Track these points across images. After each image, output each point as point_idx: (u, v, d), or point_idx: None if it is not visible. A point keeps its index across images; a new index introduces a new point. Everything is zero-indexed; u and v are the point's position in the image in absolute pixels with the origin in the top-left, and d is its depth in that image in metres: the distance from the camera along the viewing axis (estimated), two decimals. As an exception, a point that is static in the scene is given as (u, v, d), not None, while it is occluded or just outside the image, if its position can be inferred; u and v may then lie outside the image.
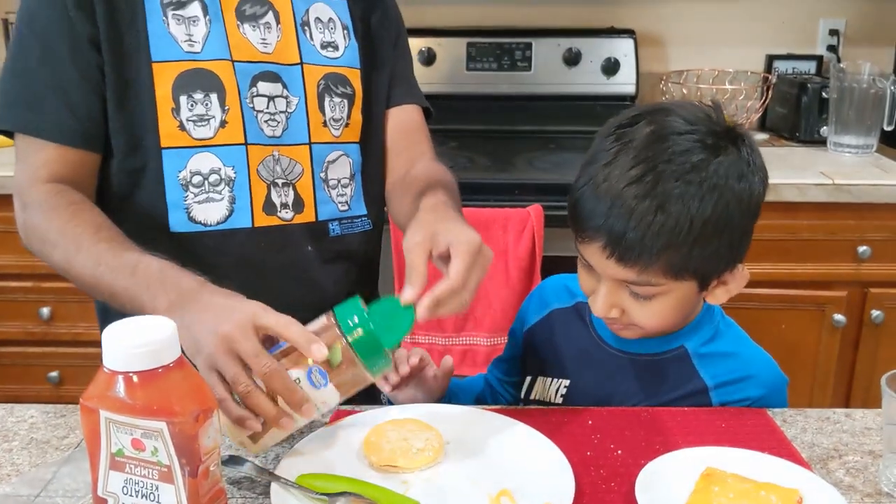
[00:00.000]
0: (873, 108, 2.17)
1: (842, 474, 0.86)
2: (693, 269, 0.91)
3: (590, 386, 1.04)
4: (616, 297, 0.93)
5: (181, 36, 1.06)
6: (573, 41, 2.41)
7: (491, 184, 2.03)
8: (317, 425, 0.94)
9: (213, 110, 1.06)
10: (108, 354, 0.67)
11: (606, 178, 0.89)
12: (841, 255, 2.00)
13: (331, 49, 1.16)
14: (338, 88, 1.16)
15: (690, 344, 1.01)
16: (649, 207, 0.86)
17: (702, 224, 0.87)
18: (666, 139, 0.89)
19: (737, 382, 0.99)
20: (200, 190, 1.07)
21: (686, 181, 0.87)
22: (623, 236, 0.87)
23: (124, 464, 0.69)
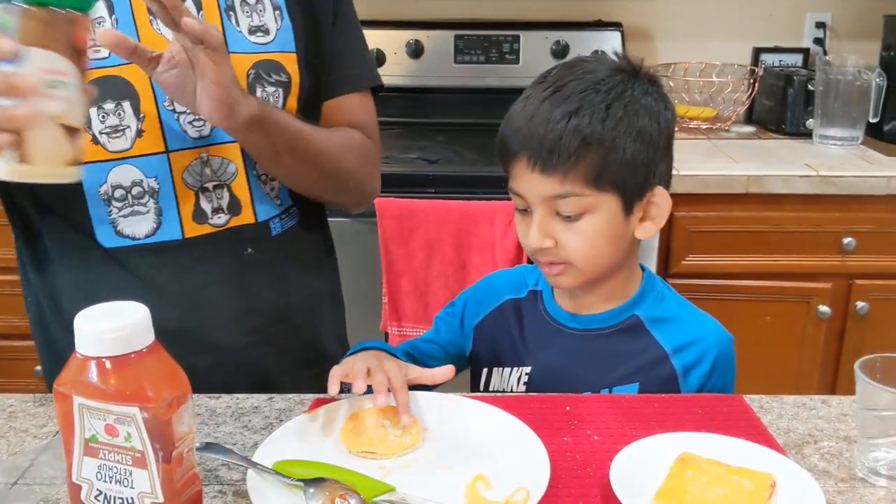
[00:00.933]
0: (859, 100, 2.18)
1: (816, 459, 0.86)
2: (612, 179, 0.94)
3: (551, 369, 1.05)
4: (548, 224, 0.96)
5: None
6: (561, 34, 2.41)
7: (478, 177, 2.03)
8: (295, 412, 0.94)
9: (126, 119, 0.99)
10: (81, 340, 0.67)
11: (524, 107, 0.96)
12: (826, 247, 2.01)
13: (260, 34, 1.06)
14: (271, 77, 1.06)
15: (641, 311, 1.04)
16: (563, 113, 0.93)
17: (614, 125, 0.93)
18: (576, 66, 0.98)
19: (692, 344, 1.02)
20: (124, 204, 1.01)
21: (595, 90, 0.94)
22: (542, 143, 0.93)
23: (98, 450, 0.69)
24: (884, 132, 2.26)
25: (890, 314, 2.05)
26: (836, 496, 0.80)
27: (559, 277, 1.00)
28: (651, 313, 1.04)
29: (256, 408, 0.96)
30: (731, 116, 2.40)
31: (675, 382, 1.01)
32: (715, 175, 1.97)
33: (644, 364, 1.02)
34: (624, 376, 1.01)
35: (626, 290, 1.05)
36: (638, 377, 1.01)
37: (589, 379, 1.02)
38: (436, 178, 2.00)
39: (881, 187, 1.96)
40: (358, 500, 0.75)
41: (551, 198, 0.94)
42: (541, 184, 0.94)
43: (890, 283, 2.04)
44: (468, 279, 1.98)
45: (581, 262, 0.98)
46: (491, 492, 0.79)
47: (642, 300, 1.04)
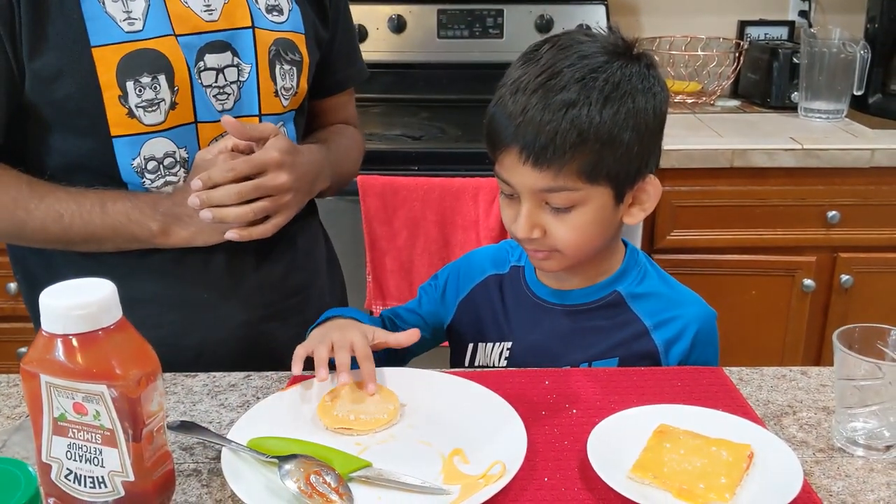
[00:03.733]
0: (844, 73, 2.17)
1: (795, 430, 0.86)
2: (606, 172, 0.92)
3: (532, 344, 1.05)
4: (536, 215, 0.94)
5: (119, 15, 0.97)
6: (545, 8, 2.39)
7: (462, 153, 2.01)
8: (272, 390, 0.94)
9: (162, 93, 0.99)
10: (47, 317, 0.66)
11: (516, 92, 0.92)
12: (810, 221, 2.01)
13: (276, 13, 1.08)
14: (287, 55, 1.09)
15: (622, 287, 1.03)
16: (559, 104, 0.89)
17: (611, 119, 0.90)
18: (569, 48, 0.93)
19: (673, 319, 1.01)
20: (157, 175, 1.02)
21: (592, 78, 0.90)
22: (536, 138, 0.89)
23: (67, 428, 0.68)
24: (868, 105, 2.25)
25: (874, 287, 2.05)
26: (813, 466, 0.80)
27: (544, 262, 0.99)
28: (632, 289, 1.03)
29: (233, 385, 0.96)
30: (717, 90, 2.39)
31: (655, 358, 1.01)
32: (700, 149, 1.96)
33: (624, 339, 1.01)
34: (604, 351, 1.01)
35: (608, 268, 1.04)
36: (618, 352, 1.01)
37: (569, 354, 1.02)
38: (419, 155, 1.99)
39: (865, 160, 1.96)
40: (333, 477, 0.74)
41: (542, 191, 0.92)
42: (532, 177, 0.91)
43: (874, 255, 2.04)
44: (452, 256, 1.97)
45: (569, 251, 0.96)
46: (468, 466, 0.78)
47: (624, 276, 1.04)
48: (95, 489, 0.69)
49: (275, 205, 0.98)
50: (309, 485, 0.73)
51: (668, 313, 1.02)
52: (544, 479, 0.77)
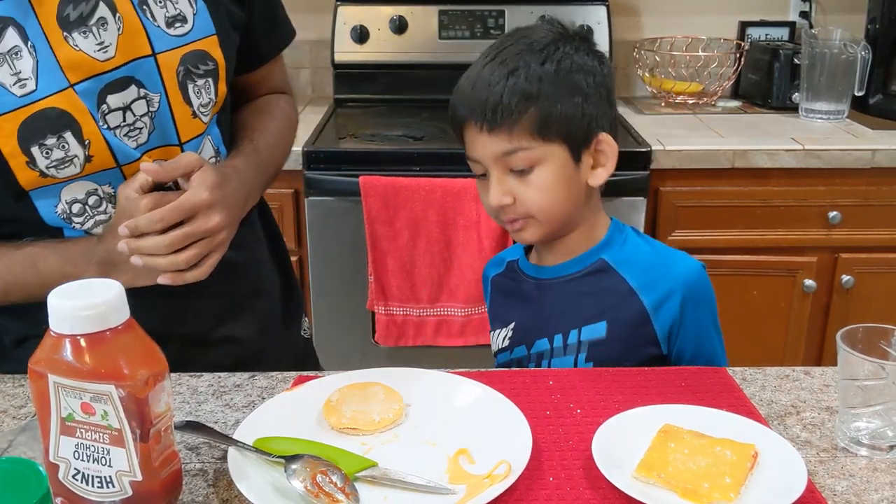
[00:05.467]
0: (844, 74, 2.18)
1: (798, 430, 0.87)
2: (555, 129, 0.99)
3: (529, 319, 1.10)
4: (504, 183, 1.01)
5: (8, 80, 0.88)
6: (546, 8, 2.39)
7: (463, 154, 2.01)
8: (277, 390, 0.94)
9: (72, 150, 0.92)
10: (55, 318, 0.66)
11: (468, 76, 1.02)
12: (811, 221, 2.02)
13: (178, 24, 0.98)
14: (199, 68, 0.99)
15: (607, 255, 1.07)
16: (502, 73, 0.98)
17: (550, 80, 0.98)
18: (515, 33, 1.04)
19: (658, 279, 1.04)
20: (84, 217, 0.97)
21: (530, 50, 1.00)
22: (485, 105, 0.98)
23: (75, 428, 0.68)
24: (869, 105, 2.26)
25: (875, 287, 2.06)
26: (817, 466, 0.80)
27: (523, 232, 1.05)
28: (617, 255, 1.07)
29: (238, 386, 0.96)
30: (718, 91, 2.40)
31: (646, 319, 1.03)
32: (700, 150, 1.97)
33: (612, 302, 1.05)
34: (593, 315, 1.05)
35: (591, 240, 1.08)
36: (606, 315, 1.04)
37: (558, 322, 1.07)
38: (421, 156, 1.99)
39: (866, 160, 1.96)
40: (339, 476, 0.75)
41: (502, 155, 0.99)
42: (490, 143, 0.99)
43: (875, 256, 2.05)
44: (454, 257, 1.97)
45: (540, 213, 1.02)
46: (473, 466, 0.79)
47: (608, 245, 1.08)
48: (103, 489, 0.69)
49: (208, 247, 0.93)
50: (315, 484, 0.73)
51: (653, 274, 1.05)
52: (549, 478, 0.78)
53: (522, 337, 1.10)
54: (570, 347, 1.05)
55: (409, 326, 2.05)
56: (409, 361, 1.26)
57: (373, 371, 0.95)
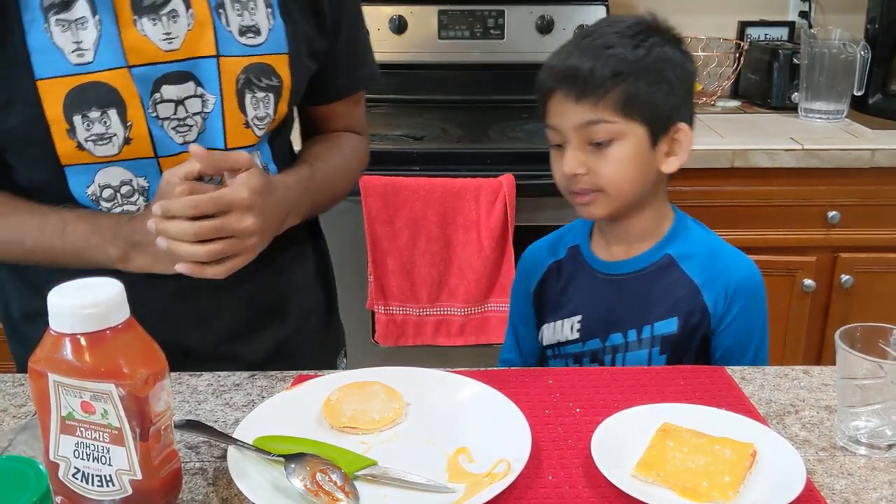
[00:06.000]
0: (844, 73, 2.18)
1: (797, 429, 0.87)
2: (639, 108, 1.03)
3: (598, 314, 1.12)
4: (581, 154, 1.04)
5: (68, 46, 0.89)
6: (546, 8, 2.39)
7: (463, 153, 2.02)
8: (277, 389, 0.94)
9: (112, 128, 0.92)
10: (55, 316, 0.66)
11: (561, 51, 1.06)
12: (811, 221, 2.02)
13: (251, 34, 0.98)
14: (261, 81, 0.99)
15: (672, 249, 1.10)
16: (597, 48, 1.02)
17: (642, 59, 1.02)
18: (612, 18, 1.09)
19: (718, 275, 1.07)
20: (113, 203, 0.97)
21: (626, 34, 1.04)
22: (576, 75, 1.02)
23: (75, 427, 0.69)
24: (868, 105, 2.26)
25: (874, 287, 2.06)
26: (816, 465, 0.81)
27: (590, 207, 1.07)
28: (681, 250, 1.10)
29: (238, 385, 0.96)
30: (717, 91, 2.40)
31: (707, 315, 1.07)
32: (700, 150, 1.96)
33: (679, 299, 1.08)
34: (663, 312, 1.08)
35: (657, 230, 1.11)
36: (676, 311, 1.08)
37: (631, 318, 1.10)
38: (420, 156, 1.99)
39: (865, 160, 1.96)
40: (339, 475, 0.75)
41: (584, 125, 1.02)
42: (575, 112, 1.02)
43: (874, 255, 2.05)
44: (453, 256, 1.97)
45: (611, 187, 1.04)
46: (473, 464, 0.79)
47: (673, 239, 1.11)
48: (103, 487, 0.69)
49: (234, 248, 0.91)
50: (315, 483, 0.74)
51: (712, 270, 1.08)
52: (549, 477, 0.78)
53: (594, 330, 1.12)
54: (644, 342, 1.09)
55: (409, 326, 2.05)
56: (408, 361, 1.26)
57: (372, 370, 0.95)
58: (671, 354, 1.08)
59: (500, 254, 1.96)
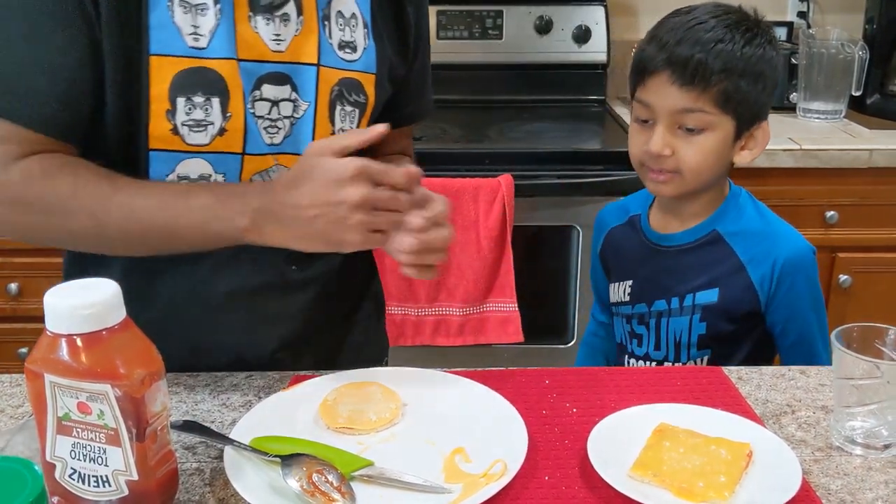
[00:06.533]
0: (842, 74, 2.18)
1: (794, 429, 0.87)
2: (736, 105, 1.07)
3: (647, 280, 1.20)
4: (669, 136, 1.09)
5: (186, 27, 0.90)
6: (544, 9, 2.39)
7: (461, 153, 2.03)
8: (274, 389, 0.94)
9: (212, 116, 0.93)
10: (51, 317, 0.67)
11: (671, 28, 1.08)
12: (809, 220, 2.01)
13: (349, 50, 1.00)
14: (351, 96, 1.02)
15: (721, 226, 1.15)
16: (711, 38, 1.06)
17: (749, 59, 1.06)
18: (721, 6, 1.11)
19: (765, 253, 1.13)
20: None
21: (738, 28, 1.07)
22: (689, 60, 1.05)
23: (71, 428, 0.69)
24: (867, 105, 2.26)
25: (873, 287, 2.06)
26: (812, 465, 0.81)
27: (664, 185, 1.12)
28: (730, 227, 1.15)
29: (235, 385, 0.96)
30: (715, 91, 2.39)
31: (752, 291, 1.13)
32: (698, 150, 1.96)
33: (722, 273, 1.14)
34: (705, 284, 1.14)
35: (709, 209, 1.16)
36: (718, 283, 1.14)
37: (675, 287, 1.17)
38: (419, 155, 1.97)
39: (863, 160, 1.96)
40: (335, 476, 0.75)
41: (681, 111, 1.07)
42: (676, 97, 1.06)
43: (872, 255, 2.05)
44: (452, 256, 1.97)
45: (689, 173, 1.09)
46: (469, 465, 0.79)
47: (723, 216, 1.16)
48: (100, 488, 0.69)
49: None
50: (311, 483, 0.74)
51: (761, 247, 1.13)
52: (545, 477, 0.78)
53: (641, 295, 1.20)
54: (686, 309, 1.15)
55: (408, 326, 2.05)
56: (407, 361, 1.26)
57: (369, 370, 0.95)
58: (711, 323, 1.14)
59: (499, 254, 1.96)
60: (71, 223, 0.90)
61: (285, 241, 0.89)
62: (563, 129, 2.30)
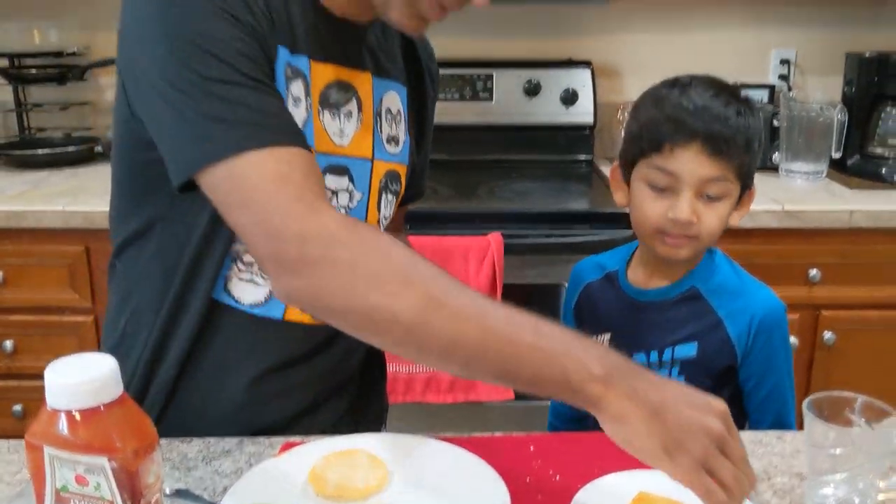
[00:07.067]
0: (822, 135, 2.24)
1: (769, 496, 0.89)
2: (745, 174, 1.14)
3: (627, 334, 1.23)
4: (694, 203, 1.13)
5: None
6: (533, 72, 2.47)
7: (452, 213, 2.07)
8: (264, 456, 0.96)
9: None
10: (52, 393, 0.69)
11: (690, 100, 1.12)
12: (793, 279, 2.06)
13: (393, 144, 1.08)
14: (392, 186, 1.09)
15: (700, 283, 1.20)
16: (731, 111, 1.11)
17: (755, 130, 1.14)
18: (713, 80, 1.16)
19: (742, 309, 1.17)
20: (248, 268, 0.99)
21: (738, 102, 1.13)
22: (720, 134, 1.10)
23: (69, 499, 0.71)
24: (847, 166, 2.32)
25: (856, 344, 2.09)
26: (787, 532, 0.83)
27: (680, 249, 1.16)
28: (708, 284, 1.20)
29: (227, 451, 0.98)
30: (700, 151, 2.45)
31: (730, 346, 1.17)
32: (683, 210, 2.01)
33: (701, 328, 1.18)
34: (684, 338, 1.19)
35: (689, 266, 1.21)
36: (697, 338, 1.18)
37: (655, 341, 1.20)
38: (411, 215, 2.01)
39: (844, 220, 2.01)
40: (323, 544, 0.77)
41: (708, 180, 1.12)
42: (705, 166, 1.11)
43: (855, 313, 2.08)
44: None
45: (707, 238, 1.15)
46: (454, 533, 0.81)
47: (701, 273, 1.21)
48: (94, 558, 0.71)
49: None
50: (300, 553, 0.76)
51: (737, 304, 1.18)
52: (527, 545, 0.80)
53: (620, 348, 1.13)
54: (665, 363, 1.19)
55: (399, 383, 2.06)
56: (398, 418, 1.29)
57: (356, 437, 0.98)
58: (689, 377, 1.17)
59: (489, 311, 1.99)
60: (394, 299, 0.78)
61: (624, 410, 0.76)
62: (551, 188, 2.35)
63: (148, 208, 0.99)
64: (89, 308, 2.04)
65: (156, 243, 1.01)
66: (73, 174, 2.30)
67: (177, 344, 1.01)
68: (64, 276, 2.01)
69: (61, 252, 2.00)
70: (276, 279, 0.82)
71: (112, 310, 1.08)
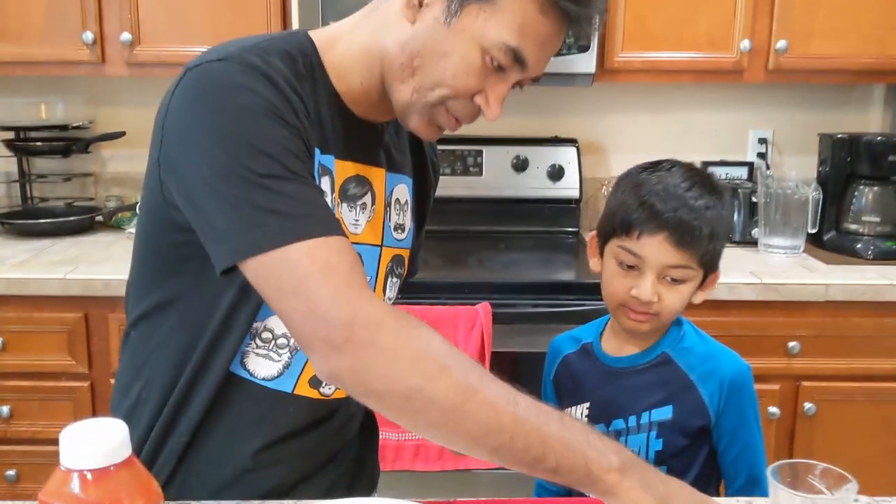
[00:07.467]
0: (799, 211, 2.32)
1: (740, 559, 0.93)
2: (708, 261, 1.21)
3: (605, 402, 1.29)
4: (657, 284, 1.20)
5: None
6: (521, 149, 2.57)
7: (443, 283, 2.12)
8: (260, 519, 1.00)
9: None
10: (66, 454, 0.74)
11: (659, 191, 1.18)
12: (772, 351, 2.11)
13: (399, 231, 1.14)
14: (397, 270, 1.15)
15: (669, 349, 1.27)
16: (701, 205, 1.18)
17: (724, 221, 1.22)
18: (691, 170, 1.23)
19: (711, 372, 1.23)
20: (266, 345, 1.03)
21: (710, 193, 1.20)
22: (688, 225, 1.17)
23: (78, 556, 0.75)
24: (824, 241, 2.40)
25: (836, 414, 2.14)
26: None
27: (642, 325, 1.23)
28: (676, 349, 1.26)
29: (224, 514, 1.02)
30: (683, 225, 2.53)
31: (703, 407, 1.23)
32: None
33: (675, 390, 1.24)
34: (659, 401, 1.24)
35: (659, 334, 1.28)
36: (671, 401, 1.24)
37: (632, 405, 1.26)
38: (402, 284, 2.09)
39: (820, 294, 2.08)
40: None
41: (671, 266, 1.19)
42: (669, 253, 1.18)
43: (834, 384, 2.13)
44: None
45: (668, 316, 1.22)
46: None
47: (670, 339, 1.27)
48: None
49: None
50: None
51: (707, 366, 1.24)
52: None
53: (600, 416, 1.27)
54: (643, 426, 1.25)
55: (388, 451, 2.09)
56: (387, 486, 1.32)
57: (351, 501, 1.01)
58: (666, 439, 1.23)
59: (478, 380, 2.03)
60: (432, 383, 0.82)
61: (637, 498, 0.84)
62: (538, 259, 2.42)
63: (171, 285, 1.04)
64: (86, 374, 2.08)
65: (176, 318, 1.04)
66: (73, 243, 2.36)
67: (190, 413, 1.05)
68: (62, 342, 2.05)
69: (60, 319, 2.04)
70: (322, 360, 0.86)
71: (124, 375, 1.12)
